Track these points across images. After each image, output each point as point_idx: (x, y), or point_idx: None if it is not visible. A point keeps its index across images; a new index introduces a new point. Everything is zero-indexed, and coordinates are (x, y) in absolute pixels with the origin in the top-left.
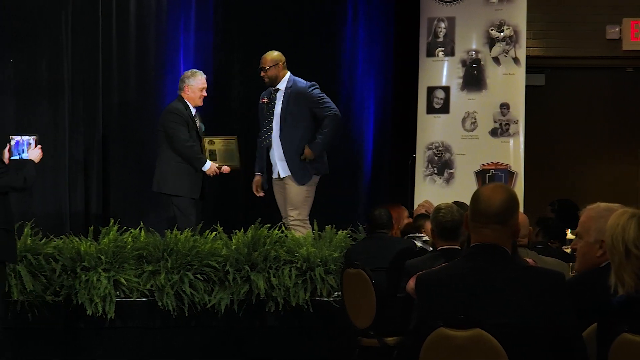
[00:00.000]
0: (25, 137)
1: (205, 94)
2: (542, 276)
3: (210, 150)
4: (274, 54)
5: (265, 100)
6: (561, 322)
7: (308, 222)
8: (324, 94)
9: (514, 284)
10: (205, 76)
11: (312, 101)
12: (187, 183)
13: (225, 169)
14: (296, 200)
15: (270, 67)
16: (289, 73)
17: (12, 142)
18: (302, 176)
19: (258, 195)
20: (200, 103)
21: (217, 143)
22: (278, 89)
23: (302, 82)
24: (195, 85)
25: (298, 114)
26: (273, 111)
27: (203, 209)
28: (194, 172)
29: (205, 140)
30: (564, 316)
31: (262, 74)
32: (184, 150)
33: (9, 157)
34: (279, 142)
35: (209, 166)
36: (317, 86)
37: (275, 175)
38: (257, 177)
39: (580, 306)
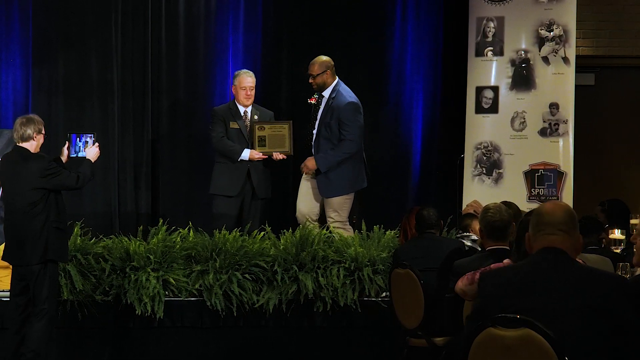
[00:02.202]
0: (83, 135)
1: (249, 93)
2: (605, 278)
3: (259, 137)
4: (323, 59)
5: (314, 100)
6: (623, 321)
7: (348, 223)
8: (357, 117)
9: (577, 284)
10: (248, 76)
11: (341, 118)
12: (223, 181)
13: (277, 155)
14: (336, 202)
15: (318, 74)
16: (337, 80)
17: (70, 140)
18: (327, 190)
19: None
20: (244, 102)
21: (267, 129)
22: (323, 96)
23: (345, 95)
24: (237, 85)
25: (330, 126)
26: (317, 115)
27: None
28: (233, 169)
29: (256, 127)
30: (626, 316)
31: (311, 80)
32: (216, 145)
33: (68, 154)
34: (313, 148)
35: (247, 154)
36: (356, 106)
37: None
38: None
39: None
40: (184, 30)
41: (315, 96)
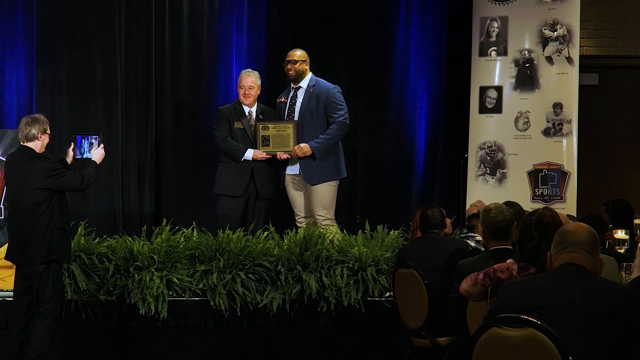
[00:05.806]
0: (88, 136)
1: (247, 92)
2: (625, 292)
3: (263, 136)
4: (303, 51)
5: (283, 99)
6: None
7: (335, 220)
8: (343, 100)
9: (598, 293)
10: (247, 75)
11: (329, 101)
12: (227, 181)
13: (281, 155)
14: (324, 199)
15: (300, 61)
16: (311, 73)
17: (75, 141)
18: (313, 177)
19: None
20: (243, 101)
21: (271, 128)
22: (300, 87)
23: (326, 82)
24: (238, 84)
25: (317, 111)
26: (294, 108)
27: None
28: (237, 169)
29: (260, 126)
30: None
31: (290, 66)
32: (220, 145)
33: (73, 156)
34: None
35: (251, 153)
36: (340, 90)
37: (295, 172)
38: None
39: None
40: (188, 30)
41: (284, 96)
